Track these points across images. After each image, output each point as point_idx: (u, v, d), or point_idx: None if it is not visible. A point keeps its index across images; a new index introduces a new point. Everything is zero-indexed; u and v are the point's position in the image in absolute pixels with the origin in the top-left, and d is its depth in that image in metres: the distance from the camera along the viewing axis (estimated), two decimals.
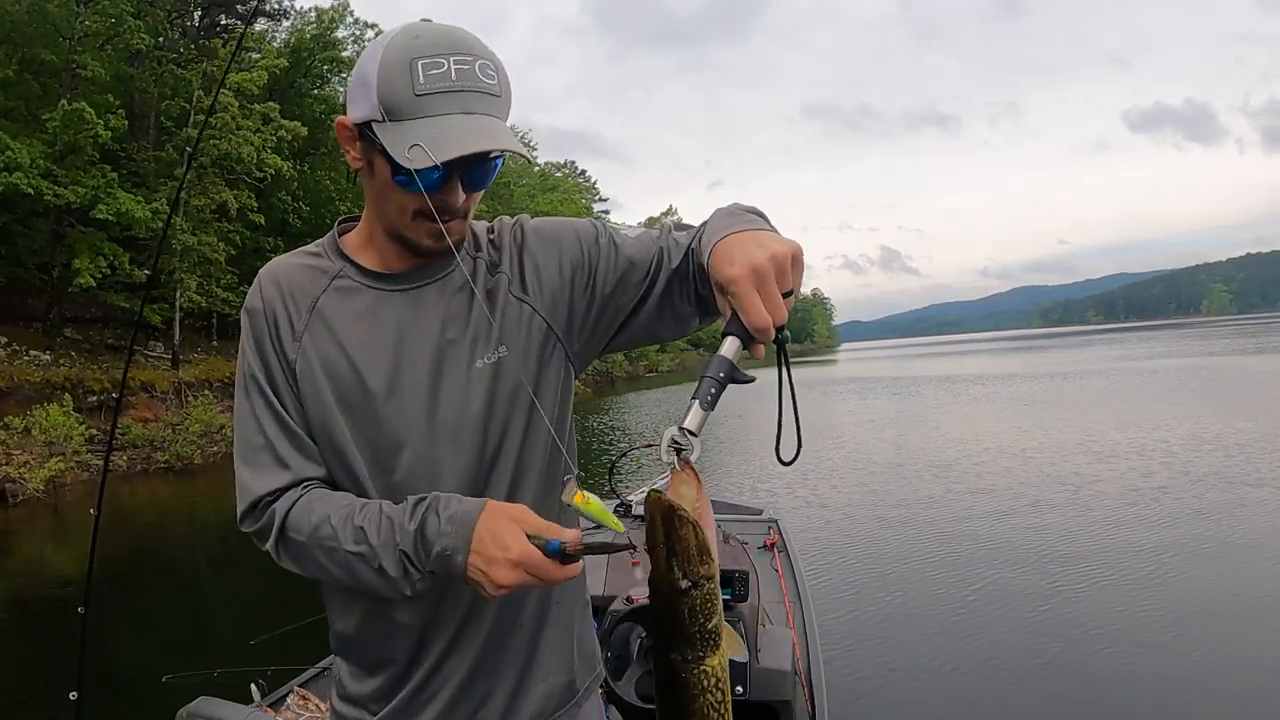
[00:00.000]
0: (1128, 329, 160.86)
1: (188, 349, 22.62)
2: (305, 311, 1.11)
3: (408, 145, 0.96)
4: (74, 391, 17.08)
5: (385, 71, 0.97)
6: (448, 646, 1.12)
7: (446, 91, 0.96)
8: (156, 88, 22.92)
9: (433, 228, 1.04)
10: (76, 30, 19.81)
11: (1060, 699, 4.28)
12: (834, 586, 6.01)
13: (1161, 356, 37.87)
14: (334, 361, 1.09)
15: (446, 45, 0.98)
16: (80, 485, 14.74)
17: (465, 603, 1.11)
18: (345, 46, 32.15)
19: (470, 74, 0.98)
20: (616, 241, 1.17)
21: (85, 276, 18.78)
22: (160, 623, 6.92)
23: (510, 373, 1.11)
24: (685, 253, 1.10)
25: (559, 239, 1.18)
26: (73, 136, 18.32)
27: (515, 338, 1.13)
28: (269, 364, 1.10)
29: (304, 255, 1.17)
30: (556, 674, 1.20)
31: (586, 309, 1.17)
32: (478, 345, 1.11)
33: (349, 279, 1.13)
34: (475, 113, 0.98)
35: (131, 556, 9.27)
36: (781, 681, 2.68)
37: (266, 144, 22.59)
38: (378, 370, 1.09)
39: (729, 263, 0.89)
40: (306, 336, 1.10)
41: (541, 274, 1.16)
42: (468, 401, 1.09)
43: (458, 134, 0.96)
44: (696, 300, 1.11)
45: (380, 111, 0.98)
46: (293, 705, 2.66)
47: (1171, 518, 7.76)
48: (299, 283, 1.13)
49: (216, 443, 17.71)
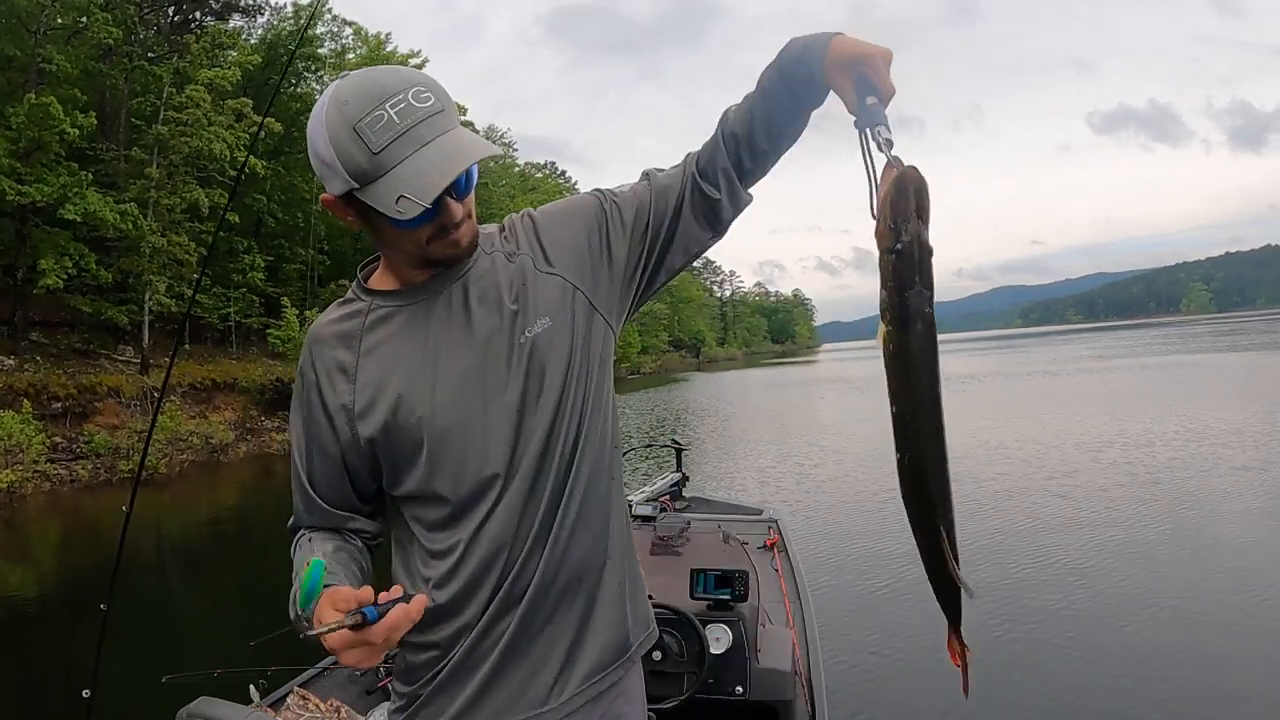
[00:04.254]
0: (1110, 328, 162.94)
1: (158, 353, 22.01)
2: (355, 353, 1.19)
3: (392, 198, 1.03)
4: (37, 398, 16.47)
5: (339, 148, 1.04)
6: (502, 603, 1.18)
7: (397, 138, 1.03)
8: (127, 85, 22.33)
9: (448, 240, 1.14)
10: (42, 24, 19.23)
11: (1061, 698, 4.19)
12: (834, 586, 5.95)
13: (1161, 354, 38.05)
14: (390, 381, 1.17)
15: (376, 96, 1.04)
16: (41, 497, 14.16)
17: (512, 571, 1.17)
18: (322, 43, 31.65)
19: (409, 109, 1.04)
20: (617, 199, 1.28)
21: (51, 278, 18.18)
22: (160, 623, 6.97)
23: (553, 342, 1.20)
24: (718, 140, 1.25)
25: (569, 214, 1.29)
26: (37, 133, 17.72)
27: (553, 308, 1.21)
28: (329, 424, 1.21)
29: (337, 308, 1.26)
30: (612, 629, 1.26)
31: (609, 267, 1.26)
32: (518, 321, 1.19)
33: (382, 307, 1.21)
34: (430, 139, 1.04)
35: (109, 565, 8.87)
36: (781, 681, 2.68)
37: (240, 142, 22.03)
38: (430, 373, 1.17)
39: (859, 46, 1.08)
40: (360, 374, 1.19)
41: (561, 246, 1.25)
42: (520, 378, 1.17)
43: (430, 169, 1.03)
44: (726, 182, 1.26)
45: (353, 181, 1.06)
46: (293, 705, 2.64)
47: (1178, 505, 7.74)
48: (340, 331, 1.21)
49: (184, 450, 17.12)
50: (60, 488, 14.90)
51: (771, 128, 1.23)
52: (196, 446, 17.98)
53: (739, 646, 2.69)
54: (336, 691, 2.90)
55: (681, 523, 3.62)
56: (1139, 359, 35.52)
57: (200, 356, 23.35)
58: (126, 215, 19.20)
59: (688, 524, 3.62)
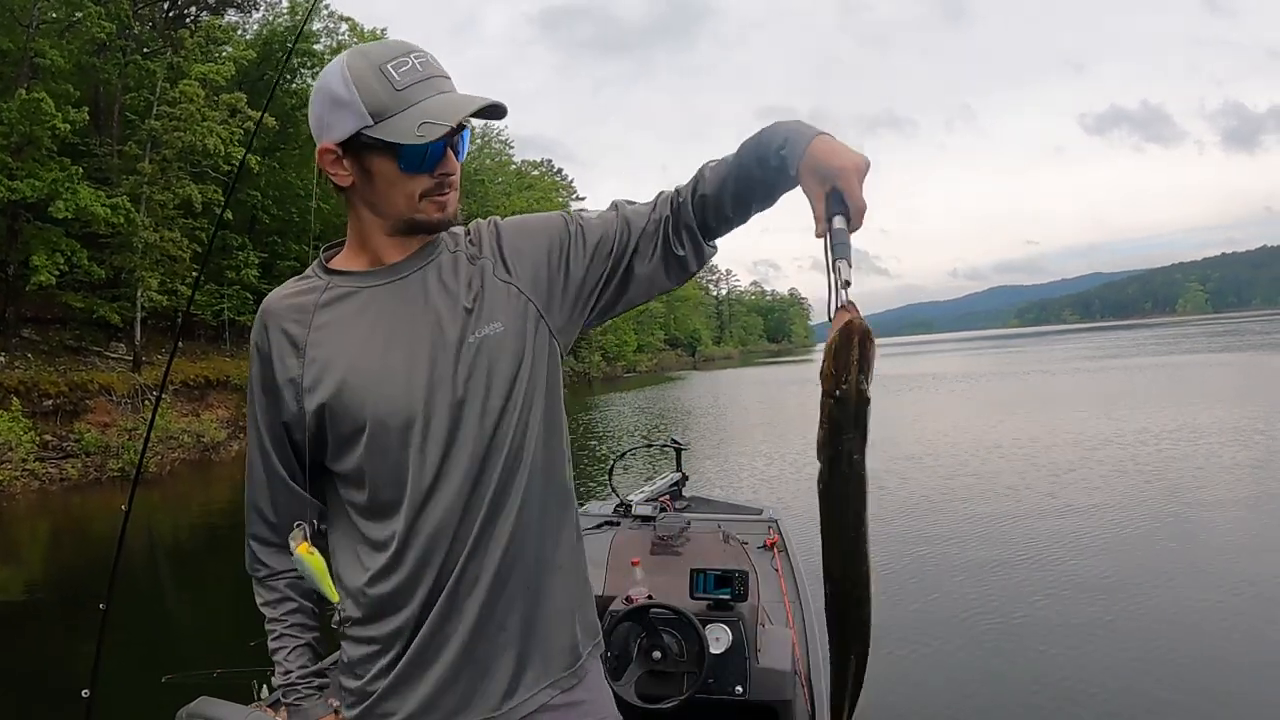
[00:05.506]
0: (1105, 328, 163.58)
1: (151, 350, 21.87)
2: (305, 329, 1.20)
3: (413, 126, 1.08)
4: (28, 395, 16.32)
5: (361, 84, 1.09)
6: (445, 604, 1.18)
7: (420, 80, 1.11)
8: (120, 80, 22.18)
9: (440, 200, 1.18)
10: (35, 17, 19.08)
11: (1062, 698, 4.20)
12: None
13: (1157, 354, 38.10)
14: (338, 360, 1.18)
15: (399, 49, 1.12)
16: (31, 496, 14.01)
17: (455, 568, 1.17)
18: (318, 39, 31.52)
19: (430, 64, 1.13)
20: (582, 222, 1.30)
21: (43, 274, 18.03)
22: (159, 623, 7.00)
23: (503, 346, 1.21)
24: (687, 198, 1.25)
25: (533, 228, 1.31)
26: (29, 128, 17.56)
27: (504, 313, 1.22)
28: (279, 395, 1.22)
29: (295, 283, 1.27)
30: (560, 637, 1.26)
31: (564, 286, 1.27)
32: (469, 323, 1.20)
33: (339, 287, 1.22)
34: (447, 91, 1.13)
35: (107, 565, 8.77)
36: (781, 681, 2.69)
37: (234, 137, 21.89)
38: (378, 357, 1.18)
39: (835, 157, 1.06)
40: (310, 349, 1.19)
41: (521, 257, 1.26)
42: (466, 375, 1.18)
43: (450, 104, 1.10)
44: (691, 242, 1.27)
45: (370, 117, 1.10)
46: None
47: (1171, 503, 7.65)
48: (294, 305, 1.22)
49: (174, 449, 16.96)
50: (50, 487, 14.77)
51: (741, 201, 1.23)
52: (188, 445, 17.84)
53: (739, 646, 2.69)
54: (336, 692, 2.87)
55: (681, 522, 3.64)
56: (1134, 359, 35.68)
57: (193, 354, 23.21)
58: (118, 210, 19.04)
59: (688, 524, 3.64)
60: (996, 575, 6.31)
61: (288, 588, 1.30)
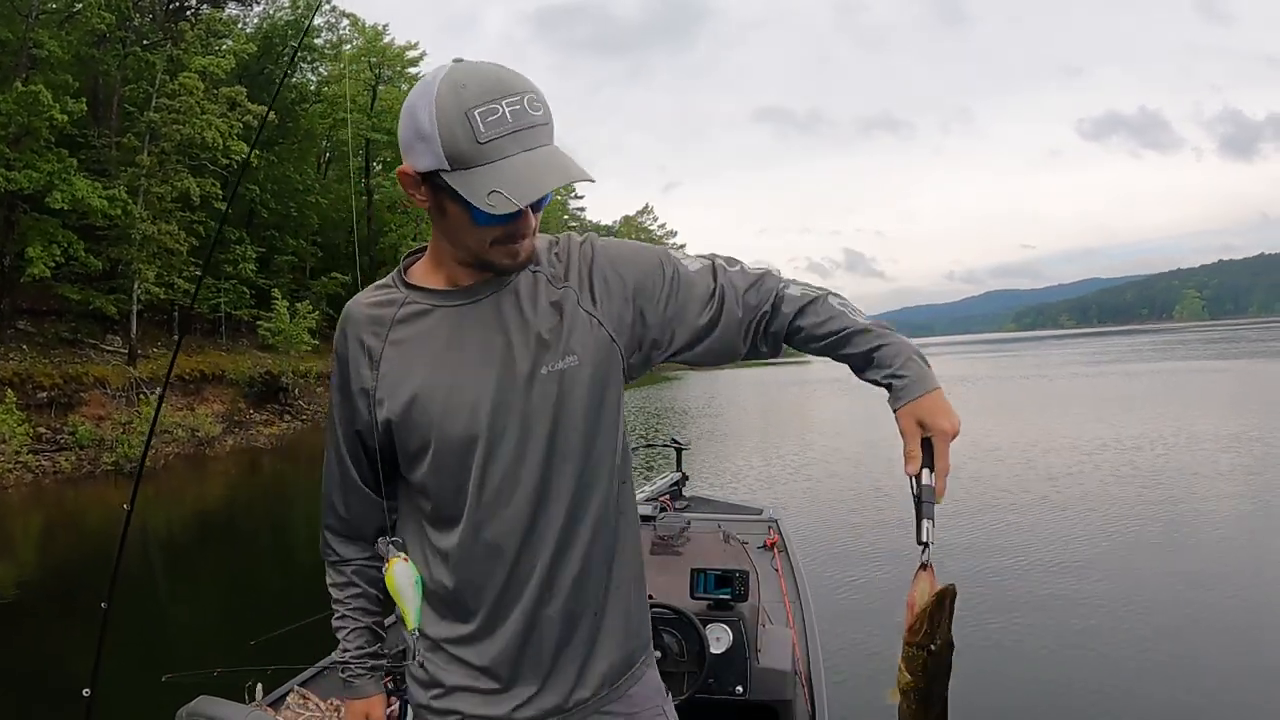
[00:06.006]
0: (1103, 333, 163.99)
1: (147, 343, 21.78)
2: (381, 341, 1.22)
3: (484, 190, 1.04)
4: (22, 387, 16.23)
5: (444, 125, 1.04)
6: (511, 617, 1.22)
7: (506, 135, 1.04)
8: (120, 71, 22.09)
9: (512, 249, 1.16)
10: (35, 7, 18.99)
11: (1064, 697, 4.20)
12: (834, 586, 5.99)
13: (1153, 360, 38.15)
14: (409, 378, 1.20)
15: (495, 90, 1.05)
16: (24, 489, 13.92)
17: (520, 585, 1.22)
18: (319, 33, 31.46)
19: (522, 113, 1.06)
20: (679, 271, 1.27)
21: (39, 266, 17.95)
22: (159, 622, 6.95)
23: (578, 380, 1.21)
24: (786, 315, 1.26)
25: (626, 260, 1.27)
26: (27, 119, 17.48)
27: (584, 346, 1.21)
28: (354, 402, 1.25)
29: (374, 291, 1.27)
30: (615, 652, 1.30)
31: (644, 330, 1.26)
32: (545, 352, 1.19)
33: (416, 303, 1.23)
34: (533, 147, 1.06)
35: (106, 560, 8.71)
36: (781, 681, 2.70)
37: (233, 130, 21.81)
38: (448, 379, 1.19)
39: (944, 417, 1.15)
40: (384, 363, 1.21)
41: (609, 290, 1.24)
42: (535, 406, 1.18)
43: (530, 175, 1.05)
44: (773, 346, 1.30)
45: (446, 162, 1.06)
46: (293, 705, 2.65)
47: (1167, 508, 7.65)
48: (373, 315, 1.24)
49: (169, 443, 16.87)
50: (42, 480, 14.68)
51: (826, 355, 1.29)
52: (182, 439, 17.75)
53: (739, 646, 2.70)
54: (337, 691, 2.89)
55: (681, 522, 3.64)
56: (1132, 365, 35.72)
57: (189, 348, 23.10)
58: (115, 201, 18.96)
59: (688, 524, 3.64)
60: (992, 576, 6.32)
61: (354, 574, 1.36)
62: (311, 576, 5.84)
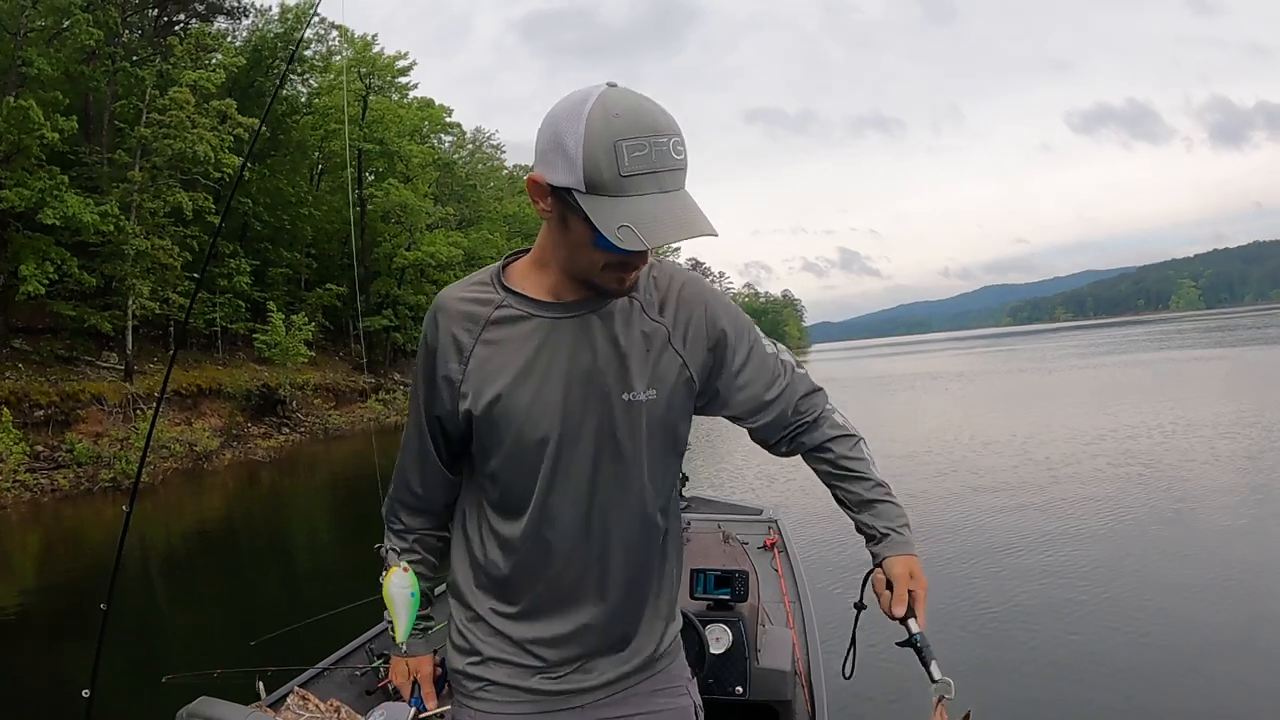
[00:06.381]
0: (1099, 325, 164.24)
1: (143, 359, 21.73)
2: (473, 338, 1.26)
3: (615, 222, 1.06)
4: (18, 406, 16.18)
5: (589, 149, 1.06)
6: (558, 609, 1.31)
7: (647, 172, 1.07)
8: (110, 87, 22.08)
9: (621, 277, 1.19)
10: (23, 25, 18.97)
11: (1066, 697, 4.17)
12: (834, 586, 5.89)
13: (1150, 350, 38.20)
14: (496, 379, 1.24)
15: (647, 128, 1.07)
16: (23, 507, 13.85)
17: (571, 579, 1.31)
18: (309, 45, 31.44)
19: (665, 154, 1.08)
20: (754, 347, 1.37)
21: (33, 284, 17.92)
22: (159, 627, 6.98)
23: (653, 414, 1.28)
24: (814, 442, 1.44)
25: (720, 314, 1.34)
26: (17, 136, 17.45)
27: (665, 384, 1.28)
28: (437, 389, 1.30)
29: (471, 286, 1.31)
30: (655, 641, 1.41)
31: (714, 382, 1.36)
32: (629, 379, 1.26)
33: (512, 308, 1.26)
34: (669, 190, 1.09)
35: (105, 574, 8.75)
36: (781, 681, 2.71)
37: (224, 144, 21.79)
38: (534, 388, 1.24)
39: (915, 576, 1.37)
40: (473, 360, 1.26)
41: (699, 339, 1.31)
42: (612, 428, 1.26)
43: (662, 219, 1.07)
44: (790, 449, 1.47)
45: (584, 185, 1.08)
46: (293, 705, 2.66)
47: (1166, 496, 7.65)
48: (467, 311, 1.27)
49: (167, 459, 16.79)
50: (41, 498, 14.62)
51: (833, 485, 1.47)
52: (180, 454, 17.69)
53: (739, 646, 2.70)
54: (336, 692, 2.94)
55: (681, 523, 3.57)
56: (1128, 355, 35.76)
57: (186, 362, 23.07)
58: (107, 217, 18.92)
59: (688, 524, 3.64)
60: (991, 566, 6.36)
61: (415, 541, 1.44)
62: (311, 580, 5.92)
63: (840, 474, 1.43)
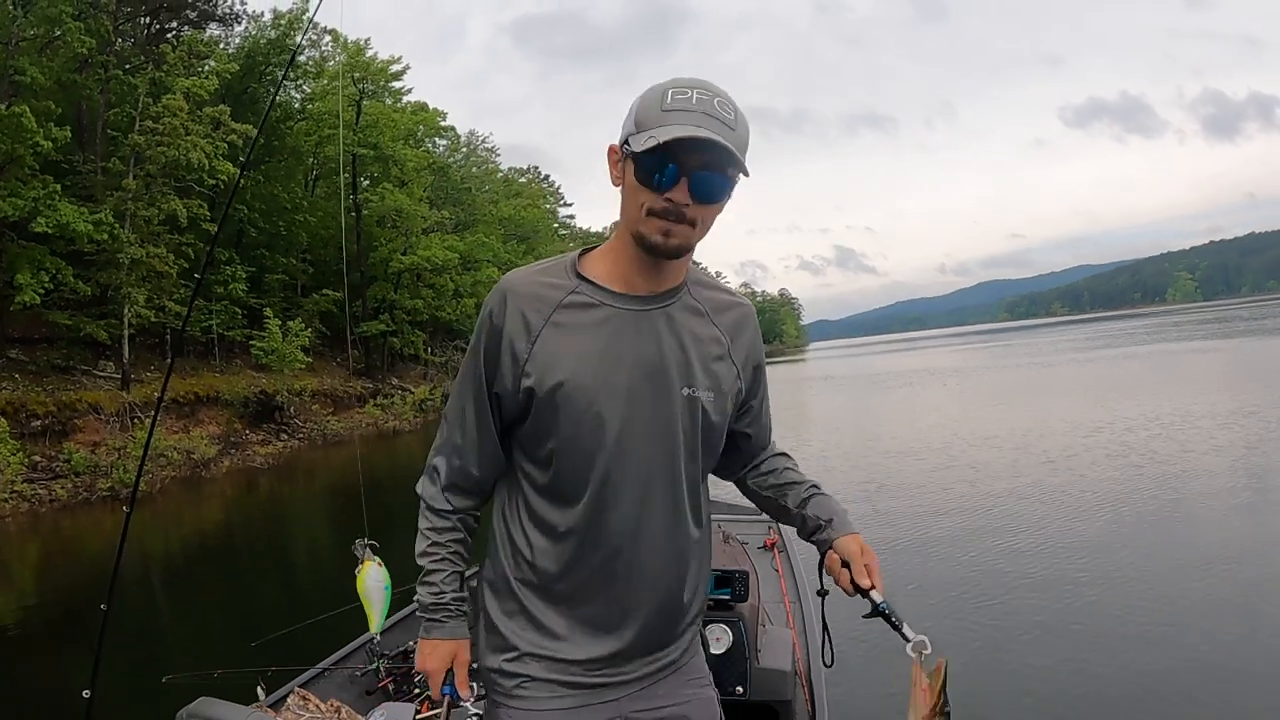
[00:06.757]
0: (1096, 319, 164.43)
1: (140, 367, 21.68)
2: (543, 319, 1.28)
3: (645, 138, 1.17)
4: (15, 416, 16.13)
5: (645, 100, 1.20)
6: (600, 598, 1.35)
7: (685, 110, 1.17)
8: (103, 96, 22.04)
9: (662, 225, 1.22)
10: (14, 34, 18.93)
11: (1068, 697, 4.16)
12: (833, 585, 5.86)
13: (1147, 343, 38.22)
14: (563, 362, 1.27)
15: (696, 85, 1.19)
16: (21, 518, 13.80)
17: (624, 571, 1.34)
18: (303, 50, 31.37)
19: (709, 103, 1.18)
20: (767, 382, 1.53)
21: (28, 293, 17.86)
22: (159, 625, 7.02)
23: (710, 410, 1.35)
24: (757, 480, 1.59)
25: (760, 344, 1.48)
26: (10, 145, 17.41)
27: (721, 388, 1.36)
28: (499, 365, 1.31)
29: (541, 271, 1.34)
30: (685, 631, 1.47)
31: (746, 403, 1.48)
32: (691, 376, 1.33)
33: (585, 295, 1.30)
34: (701, 125, 1.16)
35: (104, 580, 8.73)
36: (781, 681, 2.73)
37: (218, 150, 21.76)
38: (601, 374, 1.28)
39: (865, 550, 1.48)
40: (540, 340, 1.28)
41: (750, 357, 1.43)
42: (671, 420, 1.31)
43: (679, 128, 1.15)
44: (745, 472, 1.60)
45: (635, 125, 1.20)
46: (293, 705, 2.67)
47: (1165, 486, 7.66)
48: (537, 293, 1.30)
49: (164, 467, 16.74)
50: (39, 508, 14.57)
51: (776, 495, 1.57)
52: (178, 462, 17.64)
53: (739, 646, 2.72)
54: (337, 692, 2.96)
55: None
56: (1125, 348, 35.78)
57: (183, 370, 23.03)
58: (101, 226, 18.89)
59: None
60: (988, 557, 6.40)
61: (459, 521, 1.42)
62: (310, 583, 5.91)
63: (785, 484, 1.54)
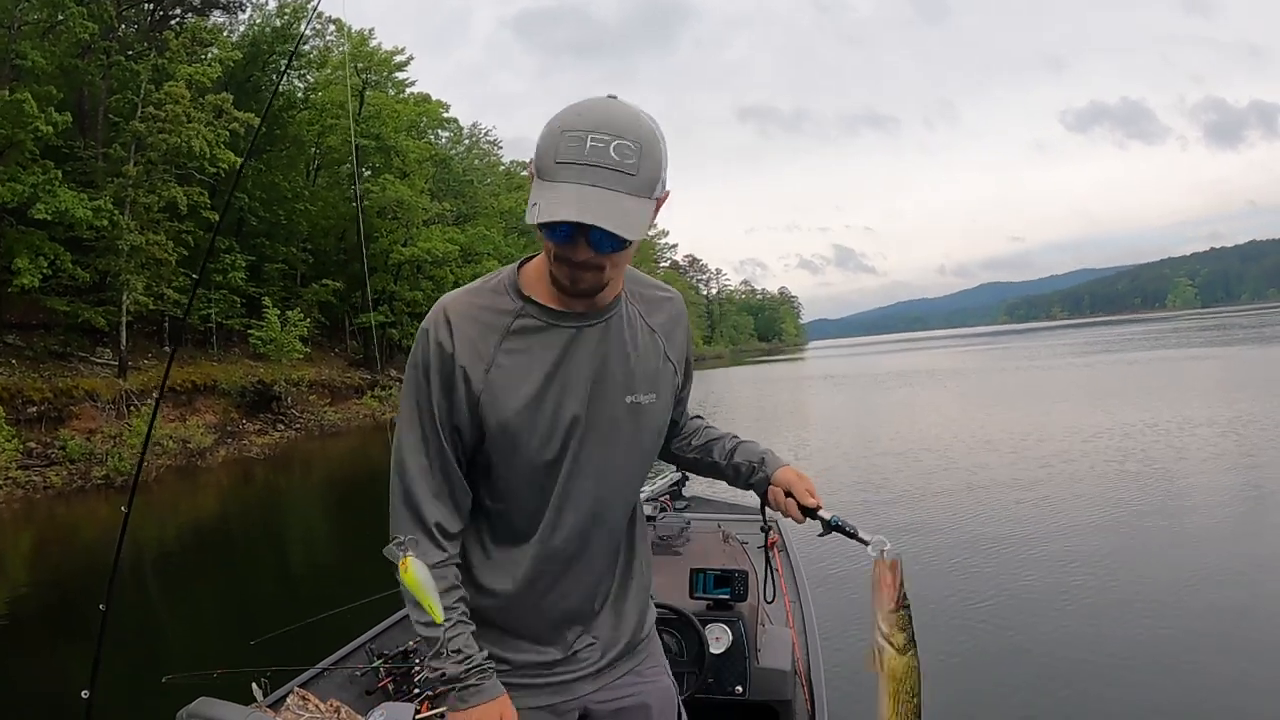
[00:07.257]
0: (1095, 323, 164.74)
1: (138, 355, 21.65)
2: (494, 347, 1.28)
3: (532, 201, 1.15)
4: (11, 402, 16.08)
5: (544, 139, 1.16)
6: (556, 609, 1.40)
7: (575, 164, 1.12)
8: (105, 82, 21.97)
9: (566, 272, 1.23)
10: (17, 19, 18.86)
11: (1063, 685, 4.16)
12: (834, 586, 5.92)
13: (1147, 349, 38.27)
14: (518, 390, 1.28)
15: (594, 123, 1.13)
16: (15, 505, 13.75)
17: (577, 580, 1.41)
18: (307, 40, 31.29)
19: (602, 152, 1.12)
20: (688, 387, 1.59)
21: (26, 278, 17.83)
22: (159, 624, 7.00)
23: (652, 414, 1.40)
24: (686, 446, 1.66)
25: (689, 338, 1.53)
26: (11, 130, 17.34)
27: (660, 389, 1.41)
28: (453, 397, 1.29)
29: (484, 294, 1.33)
30: (638, 630, 1.52)
31: (678, 396, 1.54)
32: (633, 383, 1.36)
33: (530, 317, 1.30)
34: (596, 186, 1.12)
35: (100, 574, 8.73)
36: (781, 681, 2.72)
37: (220, 139, 21.69)
38: (553, 398, 1.29)
39: (802, 475, 1.52)
40: (495, 370, 1.28)
41: (681, 353, 1.48)
42: (613, 429, 1.35)
43: (565, 202, 1.12)
44: (671, 454, 1.67)
45: (535, 168, 1.18)
46: (293, 705, 2.66)
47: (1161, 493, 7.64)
48: (484, 319, 1.29)
49: (160, 455, 16.69)
50: (33, 495, 14.52)
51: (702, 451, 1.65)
52: (174, 451, 17.59)
53: (739, 646, 2.71)
54: (337, 692, 2.95)
55: (681, 522, 3.64)
56: (1125, 354, 35.82)
57: (180, 358, 22.98)
58: (101, 212, 18.83)
59: (687, 524, 3.64)
60: (987, 559, 6.39)
61: (456, 577, 1.35)
62: (309, 579, 5.88)
63: (708, 441, 1.63)
